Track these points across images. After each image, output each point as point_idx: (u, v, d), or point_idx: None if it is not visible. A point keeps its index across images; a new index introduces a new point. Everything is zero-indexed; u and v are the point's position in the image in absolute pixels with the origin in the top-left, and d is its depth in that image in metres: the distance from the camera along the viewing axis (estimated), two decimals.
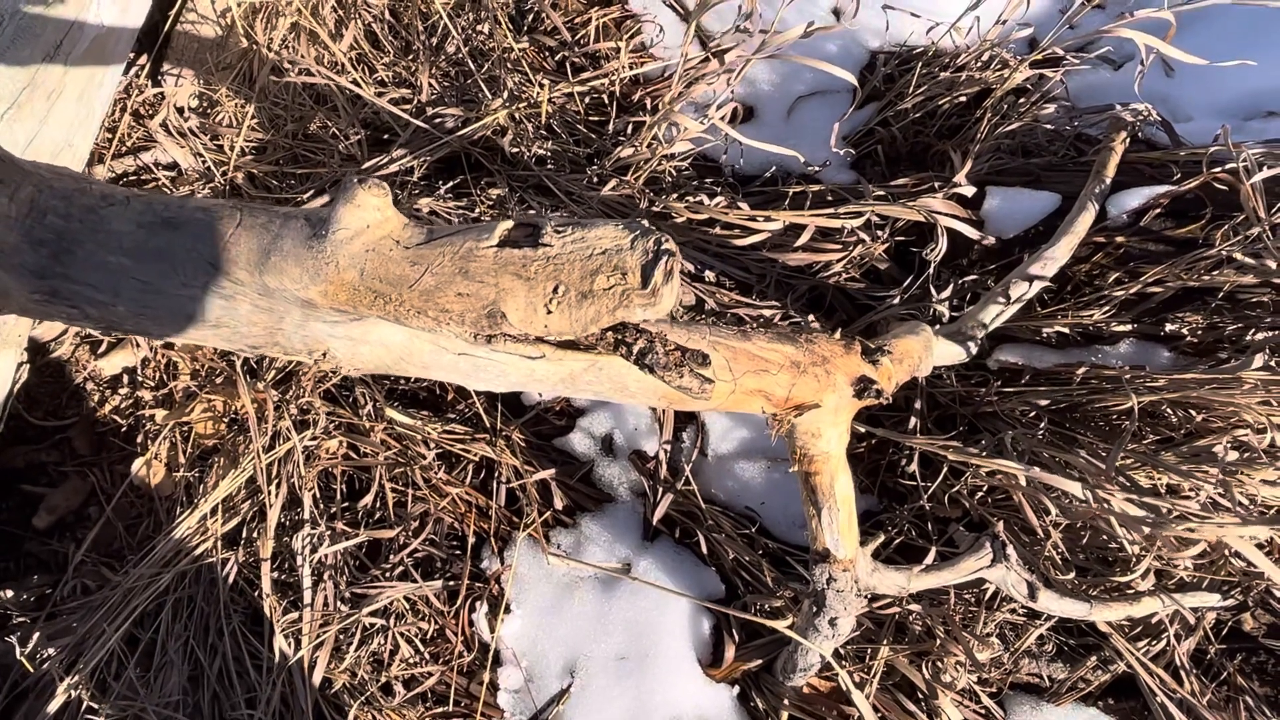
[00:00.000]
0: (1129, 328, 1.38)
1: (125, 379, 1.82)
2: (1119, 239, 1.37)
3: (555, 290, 0.49)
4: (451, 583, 1.57)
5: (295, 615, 1.52)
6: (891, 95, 1.59)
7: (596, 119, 1.75)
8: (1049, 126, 1.49)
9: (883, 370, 0.99)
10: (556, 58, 1.80)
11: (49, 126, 1.46)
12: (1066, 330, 1.39)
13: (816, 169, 1.55)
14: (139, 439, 1.75)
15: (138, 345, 1.80)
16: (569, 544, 1.54)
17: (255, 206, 0.58)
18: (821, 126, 1.54)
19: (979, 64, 1.51)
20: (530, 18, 1.83)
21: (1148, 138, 1.48)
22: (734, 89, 1.45)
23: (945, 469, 1.38)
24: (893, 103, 1.57)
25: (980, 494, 1.39)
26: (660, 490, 1.51)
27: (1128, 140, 1.41)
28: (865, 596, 1.10)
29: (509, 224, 0.53)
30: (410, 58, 1.82)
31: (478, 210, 1.62)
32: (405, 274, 0.54)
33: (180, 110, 1.88)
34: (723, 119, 1.39)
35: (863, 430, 1.41)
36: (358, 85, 1.72)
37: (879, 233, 1.45)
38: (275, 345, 0.62)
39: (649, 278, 0.47)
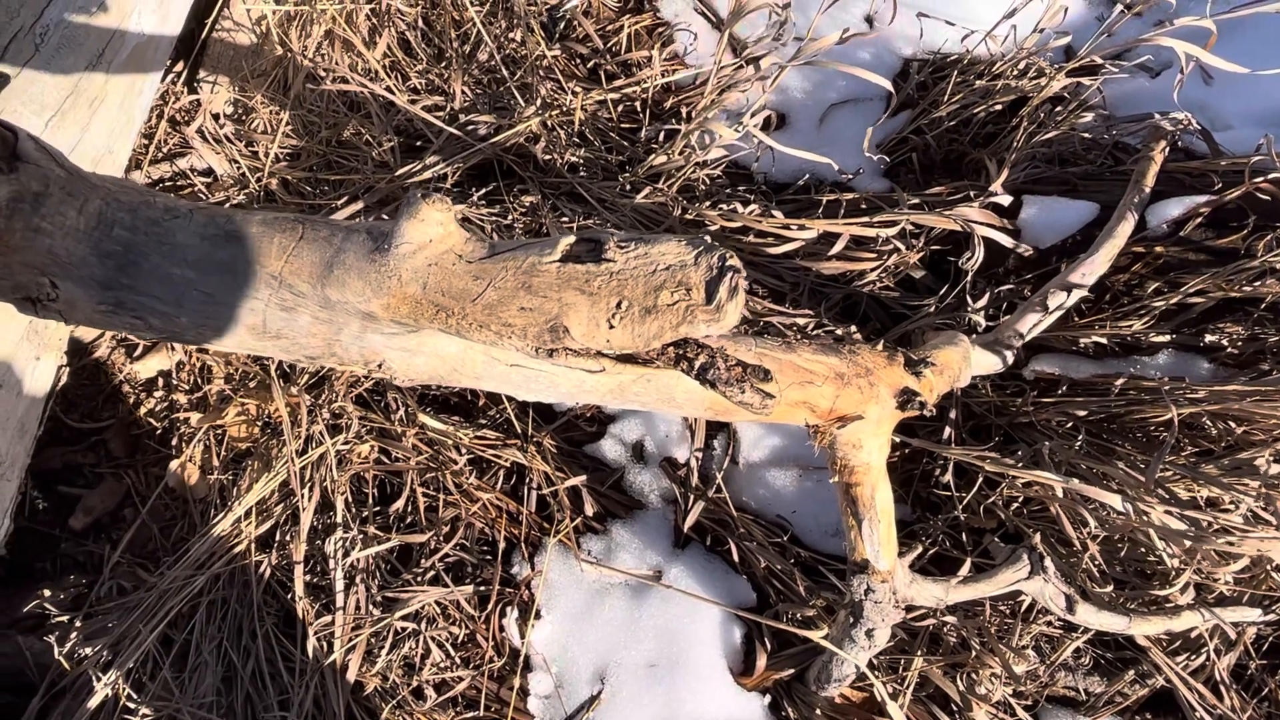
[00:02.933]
0: (1168, 338, 1.36)
1: (160, 382, 1.84)
2: (1159, 249, 1.36)
3: (619, 305, 0.49)
4: (482, 588, 1.57)
5: (328, 618, 1.53)
6: (925, 103, 1.58)
7: (629, 126, 1.75)
8: (1086, 135, 1.48)
9: (925, 382, 0.99)
10: (589, 65, 1.81)
11: (90, 133, 1.48)
12: (1104, 340, 1.38)
13: (850, 176, 1.55)
14: (174, 441, 1.77)
15: (172, 349, 1.82)
16: (600, 550, 1.54)
17: (318, 220, 0.59)
18: (855, 134, 1.53)
19: (1015, 72, 1.50)
20: (562, 25, 1.84)
21: (1187, 146, 1.47)
22: (768, 96, 1.44)
23: (980, 479, 1.37)
24: (927, 110, 1.57)
25: (1016, 505, 1.38)
26: (691, 497, 1.51)
27: (1167, 149, 1.39)
28: (902, 608, 1.10)
29: (572, 239, 0.53)
30: (443, 65, 1.83)
31: (510, 217, 1.63)
32: (468, 288, 0.54)
33: (216, 117, 1.90)
34: (756, 126, 1.39)
35: (897, 440, 1.40)
36: (391, 92, 1.73)
37: (914, 241, 1.45)
38: (332, 356, 0.63)
39: (714, 294, 0.47)
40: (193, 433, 1.76)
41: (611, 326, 0.50)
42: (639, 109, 1.74)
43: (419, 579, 1.58)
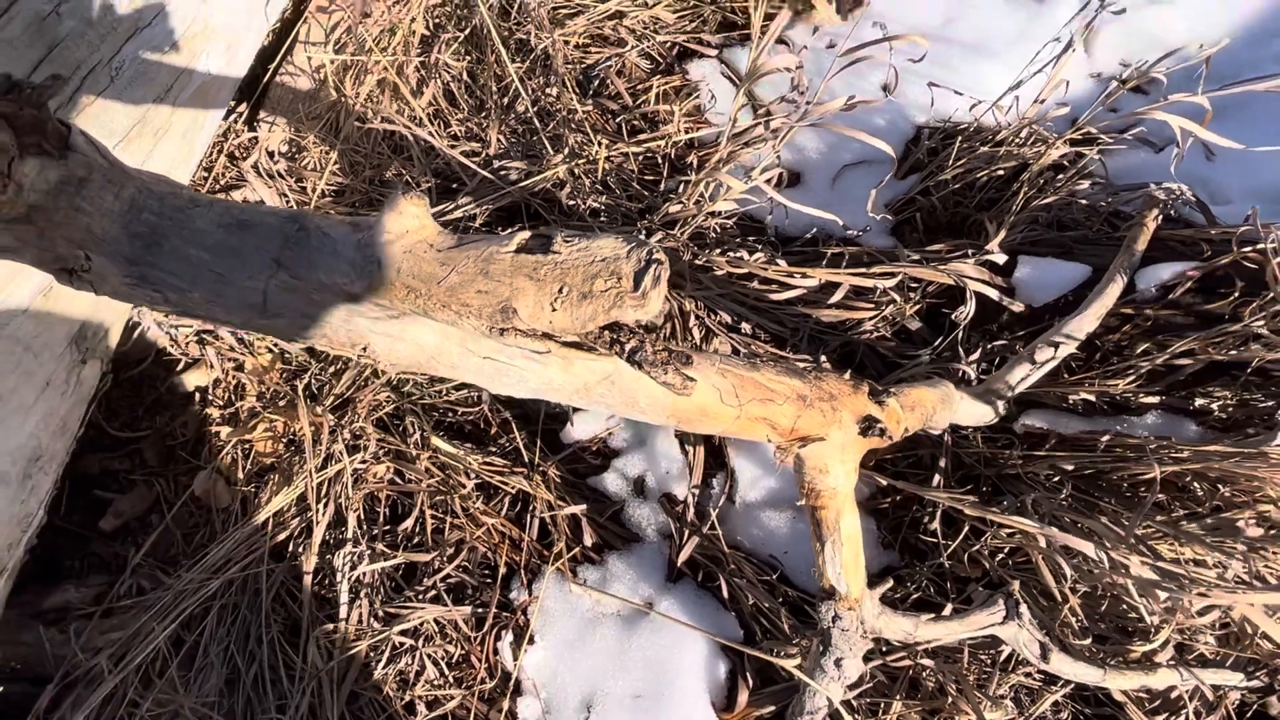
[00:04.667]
0: (1157, 400, 1.39)
1: (197, 397, 1.95)
2: (1148, 311, 1.39)
3: (560, 290, 0.56)
4: (480, 610, 1.62)
5: (331, 627, 1.59)
6: (932, 166, 1.65)
7: (650, 178, 1.85)
8: (1084, 201, 1.53)
9: (889, 412, 1.04)
10: (617, 120, 1.92)
11: (152, 161, 1.62)
12: (1093, 398, 1.41)
13: (856, 233, 1.62)
14: (204, 453, 1.87)
15: (211, 366, 1.93)
16: (595, 580, 1.59)
17: (316, 214, 0.67)
18: (865, 194, 1.60)
19: (1018, 140, 1.57)
20: (596, 83, 1.96)
21: (1182, 216, 1.51)
22: (779, 153, 1.53)
23: (966, 528, 1.40)
24: (933, 174, 1.64)
25: (1001, 555, 1.40)
26: (686, 533, 1.55)
27: (1160, 217, 1.44)
28: (870, 639, 1.12)
29: (527, 234, 0.60)
30: (483, 115, 1.96)
31: None
32: (435, 272, 0.62)
33: (271, 154, 2.04)
34: (768, 182, 1.47)
35: (884, 484, 1.44)
36: (433, 137, 1.86)
37: (911, 294, 1.50)
38: (324, 337, 0.71)
39: (640, 282, 0.54)
40: (222, 446, 1.85)
41: (554, 309, 0.57)
42: (660, 162, 1.84)
43: (420, 597, 1.64)
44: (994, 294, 1.42)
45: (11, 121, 0.64)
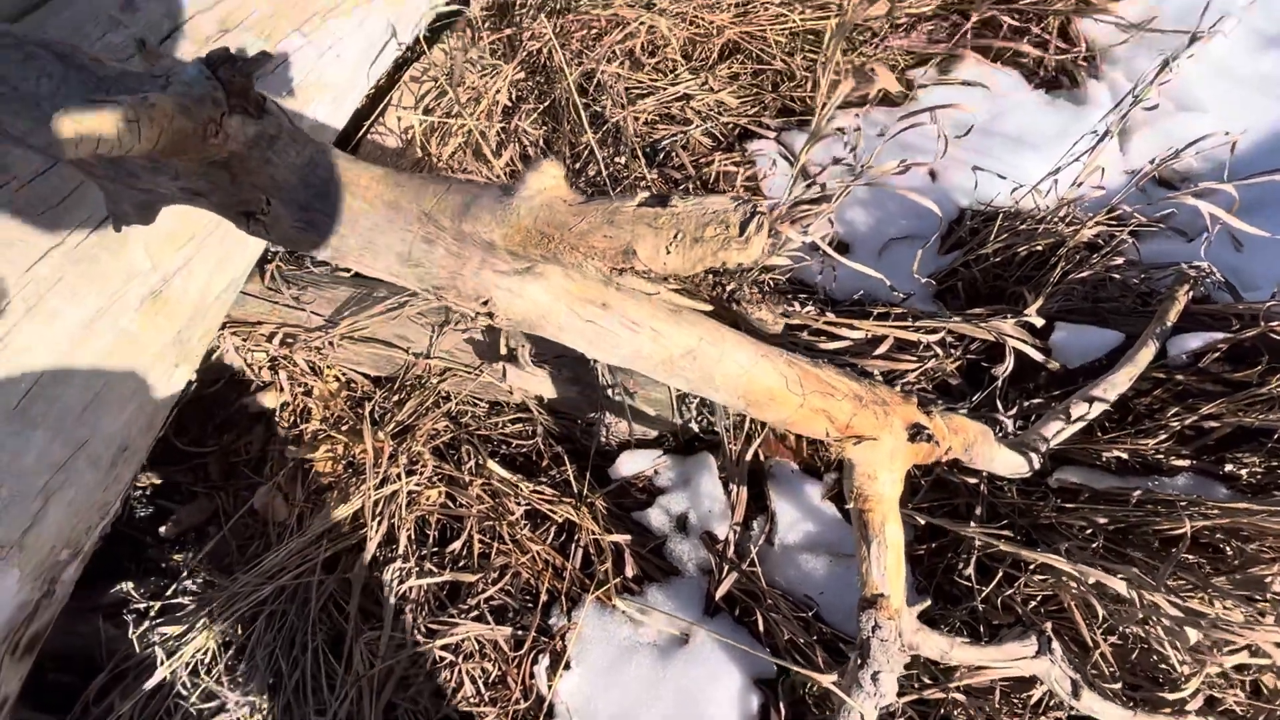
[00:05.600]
0: (1187, 462, 1.45)
1: (264, 418, 2.06)
2: (1178, 376, 1.47)
3: (675, 235, 0.67)
4: (520, 632, 1.67)
5: (375, 636, 1.64)
6: (974, 243, 1.77)
7: None
8: (1117, 277, 1.64)
9: (936, 425, 1.12)
10: (680, 187, 2.07)
11: None
12: (1126, 457, 1.48)
13: (902, 296, 1.73)
14: (265, 470, 1.97)
15: (281, 390, 2.05)
16: (634, 610, 1.64)
17: (462, 178, 0.79)
18: (910, 266, 1.72)
19: (1056, 218, 1.69)
20: (662, 155, 2.13)
21: (1210, 296, 1.61)
22: (833, 215, 1.66)
23: (1000, 574, 1.45)
24: (975, 249, 1.75)
25: (1034, 603, 1.44)
26: (726, 568, 1.61)
27: (1190, 292, 1.54)
28: (907, 654, 1.17)
29: (648, 194, 0.71)
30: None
31: None
32: (567, 220, 0.73)
33: None
34: (822, 238, 1.59)
35: (923, 522, 1.50)
36: None
37: (952, 350, 1.60)
38: (454, 289, 0.81)
39: (745, 229, 0.64)
40: (284, 464, 1.95)
41: (668, 252, 0.67)
42: None
43: (464, 615, 1.69)
44: (1032, 351, 1.51)
45: (226, 86, 0.78)
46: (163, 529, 1.96)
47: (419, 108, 2.23)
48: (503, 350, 1.80)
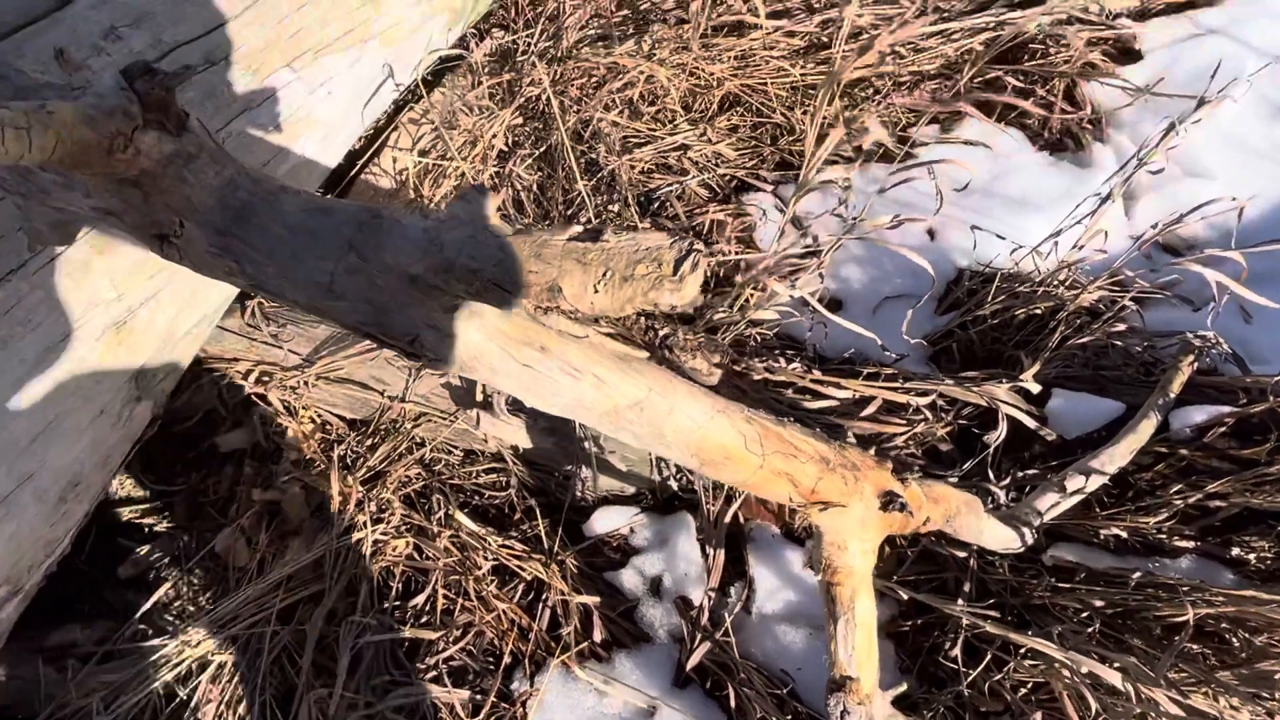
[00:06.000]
0: (1191, 544, 1.36)
1: (234, 458, 1.99)
2: (1182, 451, 1.39)
3: (604, 274, 0.61)
4: (479, 697, 1.58)
5: (325, 691, 1.55)
6: (971, 304, 1.71)
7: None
8: (1119, 343, 1.56)
9: (911, 493, 1.03)
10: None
11: None
12: (1125, 535, 1.39)
13: (894, 356, 1.66)
14: (231, 512, 1.90)
15: (254, 429, 1.99)
16: (599, 680, 1.54)
17: (393, 207, 0.74)
18: (904, 325, 1.65)
19: (1056, 281, 1.62)
20: (656, 204, 2.08)
21: (1217, 369, 1.53)
22: (825, 270, 1.60)
23: (989, 657, 1.35)
24: (972, 310, 1.69)
25: (1024, 690, 1.34)
26: (699, 636, 1.51)
27: (1195, 364, 1.46)
28: None
29: (580, 227, 0.66)
30: (547, 222, 2.08)
31: None
32: (492, 254, 0.67)
33: None
34: (811, 294, 1.53)
35: (906, 597, 1.40)
36: None
37: (944, 414, 1.52)
38: (378, 325, 0.76)
39: (678, 268, 0.58)
40: (250, 506, 1.88)
41: (596, 291, 0.61)
42: (709, 278, 1.92)
43: (421, 676, 1.60)
44: (1027, 419, 1.44)
45: (142, 98, 0.73)
46: (120, 568, 1.88)
47: (414, 149, 2.20)
48: (478, 397, 1.74)
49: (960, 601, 1.38)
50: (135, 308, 1.53)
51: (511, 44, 2.39)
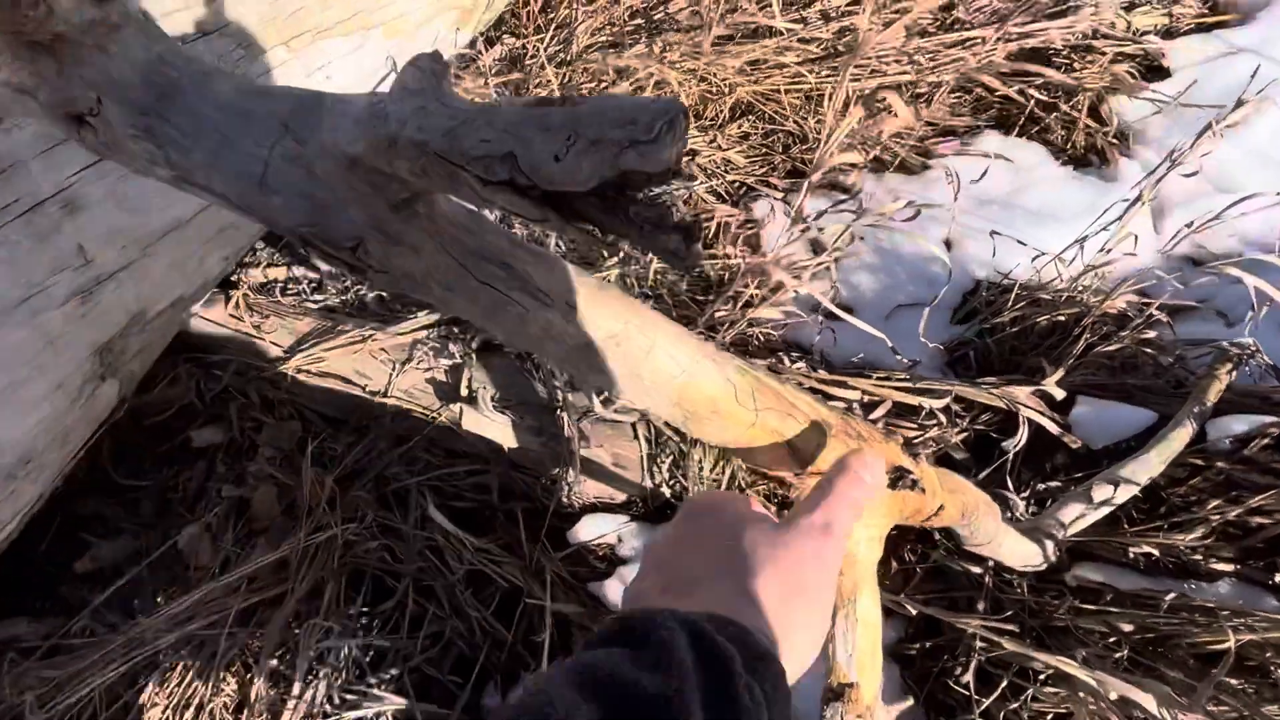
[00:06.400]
0: (1230, 567, 1.23)
1: (207, 453, 1.89)
2: (1220, 464, 1.27)
3: (568, 139, 0.52)
4: (444, 712, 1.45)
5: (278, 699, 1.43)
6: (988, 312, 1.61)
7: (700, 298, 1.84)
8: (1149, 351, 1.45)
9: (924, 470, 0.92)
10: None
11: None
12: (1157, 553, 1.26)
13: (907, 362, 1.55)
14: (199, 507, 1.79)
15: (231, 424, 1.89)
16: None
17: (338, 94, 0.65)
18: (917, 334, 1.56)
19: (1081, 288, 1.52)
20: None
21: (1254, 380, 1.42)
22: (833, 266, 1.51)
23: (1004, 683, 1.22)
24: (989, 318, 1.59)
25: None
26: None
27: (1233, 372, 1.35)
28: None
29: (545, 96, 0.57)
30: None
31: None
32: (441, 124, 0.58)
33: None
34: (821, 292, 1.43)
35: (914, 612, 1.28)
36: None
37: (959, 419, 1.41)
38: (317, 228, 0.66)
39: (653, 127, 0.49)
40: (219, 503, 1.78)
41: (558, 160, 0.52)
42: (712, 282, 1.83)
43: (384, 686, 1.47)
44: (1050, 424, 1.32)
45: None
46: (78, 563, 1.77)
47: None
48: (463, 392, 1.64)
49: (975, 622, 1.25)
50: (103, 278, 1.45)
51: (521, 49, 2.35)
